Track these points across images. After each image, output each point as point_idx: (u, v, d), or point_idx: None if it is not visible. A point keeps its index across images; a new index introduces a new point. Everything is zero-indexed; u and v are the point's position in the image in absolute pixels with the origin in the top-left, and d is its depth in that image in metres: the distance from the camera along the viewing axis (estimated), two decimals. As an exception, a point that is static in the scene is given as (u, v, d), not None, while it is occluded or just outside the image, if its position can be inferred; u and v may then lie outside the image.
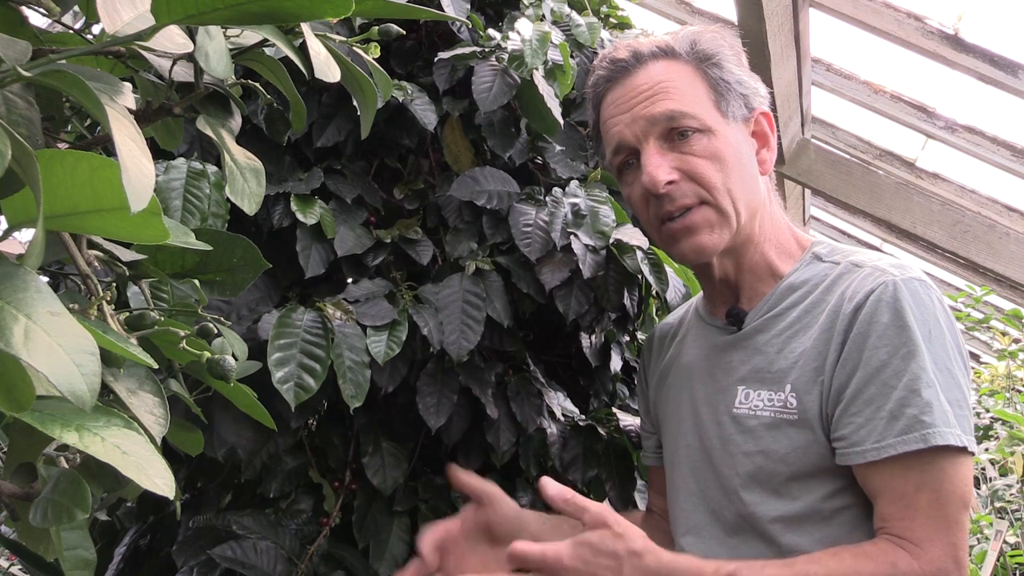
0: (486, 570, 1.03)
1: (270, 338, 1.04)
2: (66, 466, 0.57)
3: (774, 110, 1.13)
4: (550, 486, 0.90)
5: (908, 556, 0.90)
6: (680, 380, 1.14)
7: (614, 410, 1.41)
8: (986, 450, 4.26)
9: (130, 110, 0.55)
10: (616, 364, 1.43)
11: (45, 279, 0.77)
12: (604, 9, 1.69)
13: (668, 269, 1.33)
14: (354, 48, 0.75)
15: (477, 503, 1.06)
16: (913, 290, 0.95)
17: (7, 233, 0.52)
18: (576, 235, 1.25)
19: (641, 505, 1.36)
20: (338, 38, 0.72)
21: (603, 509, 0.89)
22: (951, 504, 0.90)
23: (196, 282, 0.70)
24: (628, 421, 1.37)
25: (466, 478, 1.07)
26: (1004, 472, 4.12)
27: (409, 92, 1.25)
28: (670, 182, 1.01)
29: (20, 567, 2.11)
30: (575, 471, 1.31)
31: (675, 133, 1.02)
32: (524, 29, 1.29)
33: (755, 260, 1.07)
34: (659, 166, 1.01)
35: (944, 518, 0.90)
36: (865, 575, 0.89)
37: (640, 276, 1.30)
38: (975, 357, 7.07)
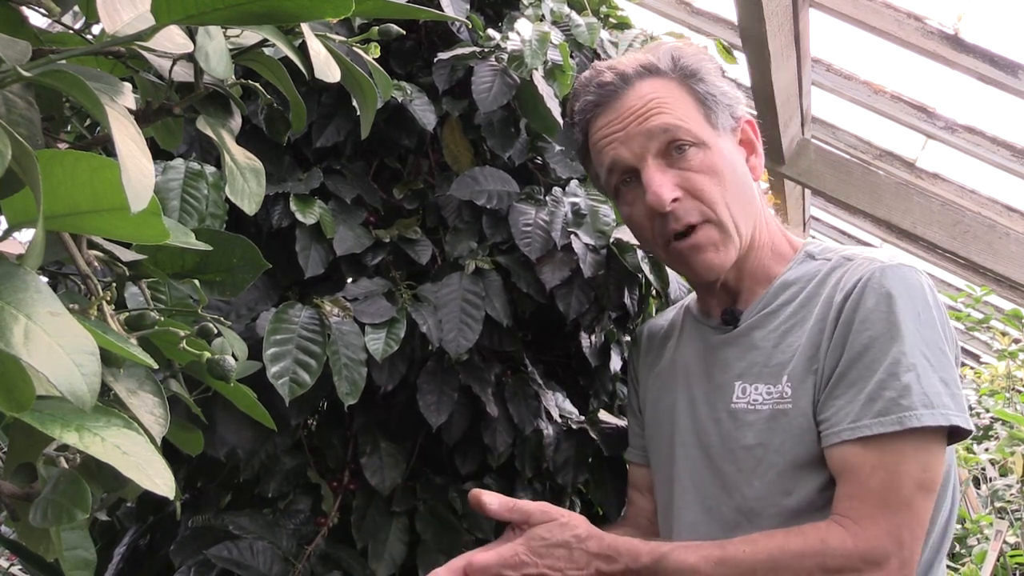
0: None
1: (266, 333, 1.04)
2: (66, 466, 0.57)
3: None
4: (490, 502, 0.97)
5: (843, 532, 0.90)
6: (675, 380, 1.15)
7: (601, 412, 1.42)
8: (986, 450, 4.26)
9: (130, 110, 0.55)
10: (616, 364, 1.43)
11: (45, 279, 0.77)
12: (604, 9, 1.69)
13: (669, 269, 1.33)
14: (354, 48, 0.75)
15: (517, 525, 1.01)
16: (901, 275, 0.96)
17: (7, 233, 0.52)
18: (576, 234, 1.25)
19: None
20: (338, 38, 0.72)
21: (546, 505, 0.98)
22: (904, 486, 0.90)
23: (196, 282, 0.70)
24: (610, 422, 1.38)
25: (494, 505, 0.99)
26: (1004, 472, 4.12)
27: (408, 92, 1.25)
28: (674, 199, 1.02)
29: (20, 567, 2.11)
30: (566, 474, 1.31)
31: (672, 147, 1.02)
32: (524, 29, 1.29)
33: (754, 266, 1.09)
34: (662, 184, 1.01)
35: (893, 500, 0.90)
36: (792, 550, 0.91)
37: (640, 275, 1.31)
38: (975, 357, 7.07)
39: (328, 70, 0.64)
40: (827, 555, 0.89)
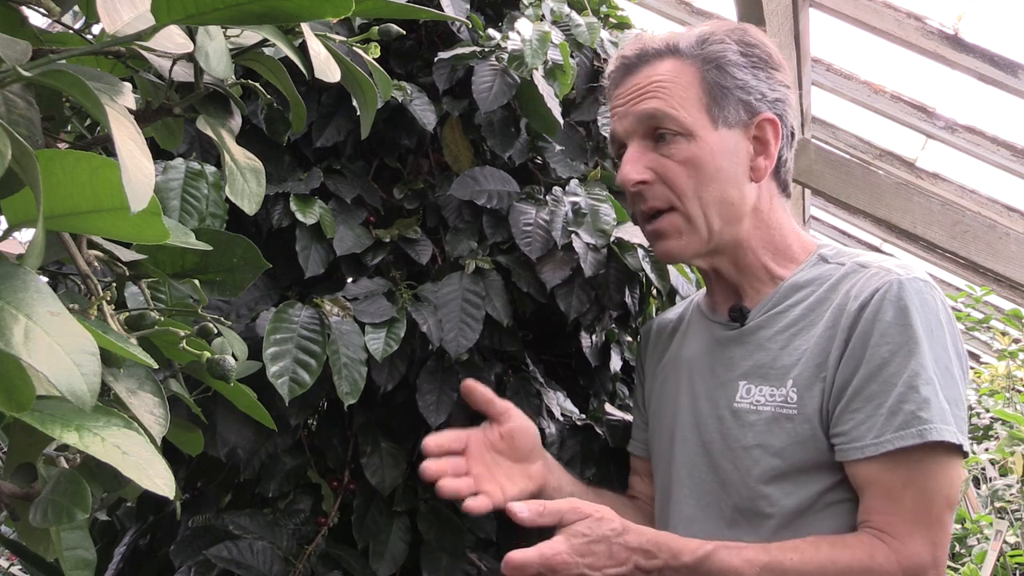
0: (510, 482, 1.06)
1: (266, 333, 1.04)
2: (66, 466, 0.57)
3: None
4: (520, 511, 0.94)
5: (886, 548, 0.91)
6: (679, 375, 1.15)
7: (606, 406, 1.42)
8: (986, 450, 4.26)
9: (130, 110, 0.55)
10: (616, 364, 1.43)
11: (45, 279, 0.77)
12: (604, 9, 1.69)
13: (669, 266, 1.33)
14: (354, 48, 0.75)
15: (493, 419, 1.10)
16: (917, 289, 0.96)
17: (7, 233, 0.52)
18: (577, 234, 1.25)
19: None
20: (338, 38, 0.72)
21: (576, 501, 0.96)
22: (936, 502, 0.92)
23: (196, 282, 0.70)
24: (616, 415, 1.38)
25: (481, 392, 1.09)
26: (1004, 472, 4.12)
27: (409, 92, 1.25)
28: (642, 182, 1.05)
29: (20, 567, 2.11)
30: (573, 470, 1.31)
31: (657, 133, 1.04)
32: (524, 29, 1.29)
33: (751, 262, 1.09)
34: (634, 164, 1.05)
35: (927, 515, 0.91)
36: (841, 564, 0.91)
37: (641, 274, 1.30)
38: (975, 357, 7.07)
39: (328, 70, 0.64)
40: (873, 570, 0.90)
